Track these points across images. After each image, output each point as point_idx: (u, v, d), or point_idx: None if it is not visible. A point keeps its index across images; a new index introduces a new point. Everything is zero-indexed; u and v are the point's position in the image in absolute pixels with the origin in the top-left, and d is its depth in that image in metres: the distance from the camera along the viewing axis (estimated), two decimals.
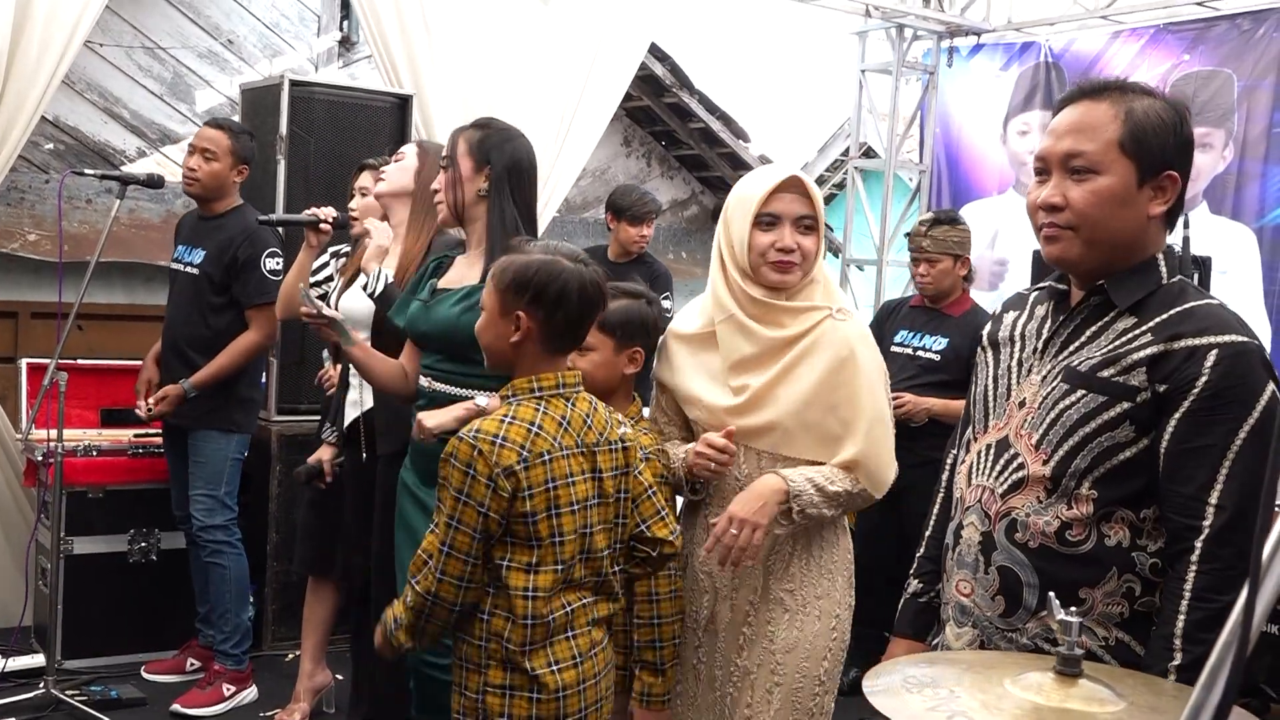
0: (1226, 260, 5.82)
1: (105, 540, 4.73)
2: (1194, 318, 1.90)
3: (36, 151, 5.92)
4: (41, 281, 5.79)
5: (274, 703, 4.42)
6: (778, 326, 2.59)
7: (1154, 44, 6.37)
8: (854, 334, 2.59)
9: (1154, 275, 1.97)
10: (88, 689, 4.39)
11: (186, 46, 6.39)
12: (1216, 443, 1.85)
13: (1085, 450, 1.93)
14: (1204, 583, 1.83)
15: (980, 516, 2.06)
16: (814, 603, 2.61)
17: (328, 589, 4.20)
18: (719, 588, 2.64)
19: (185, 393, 4.37)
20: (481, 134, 3.17)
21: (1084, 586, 1.94)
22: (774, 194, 2.58)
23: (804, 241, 2.59)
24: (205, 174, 4.43)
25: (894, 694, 1.59)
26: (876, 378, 2.60)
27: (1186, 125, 1.99)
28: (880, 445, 2.58)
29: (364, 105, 5.18)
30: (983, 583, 2.05)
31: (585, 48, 6.03)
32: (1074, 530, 1.95)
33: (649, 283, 5.34)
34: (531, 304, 2.34)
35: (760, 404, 2.57)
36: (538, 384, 2.36)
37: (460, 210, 3.15)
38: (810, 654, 2.60)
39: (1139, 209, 1.95)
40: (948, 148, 7.40)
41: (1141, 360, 1.90)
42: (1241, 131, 5.94)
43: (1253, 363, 1.87)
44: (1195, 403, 1.86)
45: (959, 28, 7.23)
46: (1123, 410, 1.91)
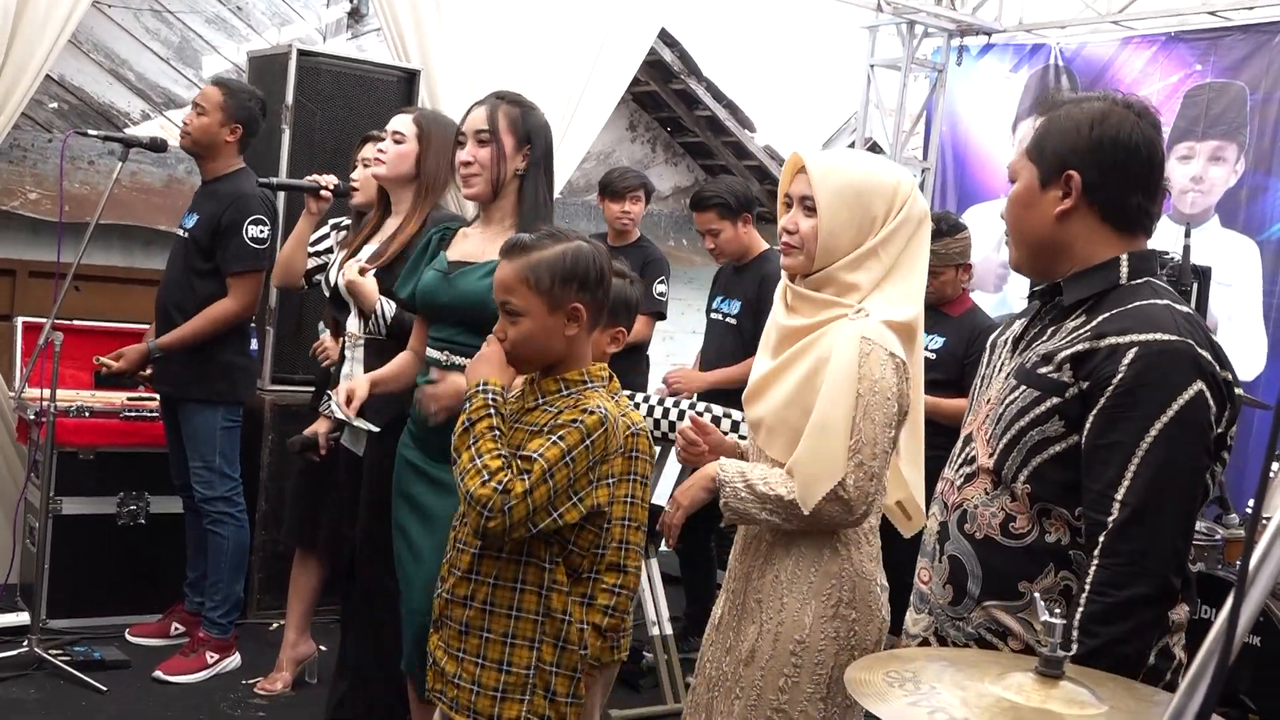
0: (1231, 273, 5.82)
1: (94, 501, 4.73)
2: (1127, 317, 1.93)
3: (40, 110, 5.89)
4: (40, 240, 5.78)
5: (256, 671, 4.43)
6: (797, 316, 2.48)
7: (1165, 51, 6.36)
8: (844, 335, 2.36)
9: (1112, 275, 2.01)
10: (71, 649, 4.39)
11: (195, 11, 6.36)
12: (1126, 439, 1.88)
13: (1020, 444, 1.99)
14: (1103, 577, 1.87)
15: (941, 507, 2.13)
16: (774, 619, 2.44)
17: (314, 560, 4.21)
18: (729, 588, 2.61)
19: (150, 351, 4.33)
20: (520, 111, 3.14)
21: (1023, 580, 1.99)
22: (796, 175, 2.50)
23: (803, 223, 2.43)
24: (195, 127, 4.37)
25: (876, 689, 1.60)
26: (842, 384, 2.32)
27: (1106, 123, 1.99)
28: (813, 455, 2.33)
29: (371, 78, 5.17)
30: (938, 571, 2.11)
31: (595, 30, 6.02)
32: (1017, 523, 1.99)
33: (642, 266, 5.34)
34: (581, 291, 2.41)
35: (755, 397, 2.52)
36: (604, 373, 2.51)
37: (499, 185, 3.14)
38: (765, 672, 2.43)
39: (1043, 210, 2.03)
40: (954, 147, 7.39)
41: (1068, 357, 1.94)
42: (1252, 144, 5.94)
43: (1175, 361, 1.88)
44: (1110, 399, 1.89)
45: (970, 26, 7.22)
46: (1052, 405, 1.95)
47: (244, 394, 4.55)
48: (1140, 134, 2.00)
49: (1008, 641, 2.01)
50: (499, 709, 2.39)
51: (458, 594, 2.45)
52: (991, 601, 2.02)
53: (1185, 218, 5.98)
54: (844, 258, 2.43)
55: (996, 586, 2.01)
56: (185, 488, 4.55)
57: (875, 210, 2.43)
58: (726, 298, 5.06)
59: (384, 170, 3.74)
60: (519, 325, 2.41)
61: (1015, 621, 2.00)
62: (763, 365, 2.53)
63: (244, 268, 4.33)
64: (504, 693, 2.39)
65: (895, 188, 2.46)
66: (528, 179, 3.14)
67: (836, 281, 2.44)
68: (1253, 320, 5.85)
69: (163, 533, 4.81)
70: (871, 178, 2.46)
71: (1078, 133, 2.00)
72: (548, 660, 2.40)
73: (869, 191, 2.44)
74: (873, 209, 2.43)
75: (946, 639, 2.09)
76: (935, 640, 2.11)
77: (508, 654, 2.41)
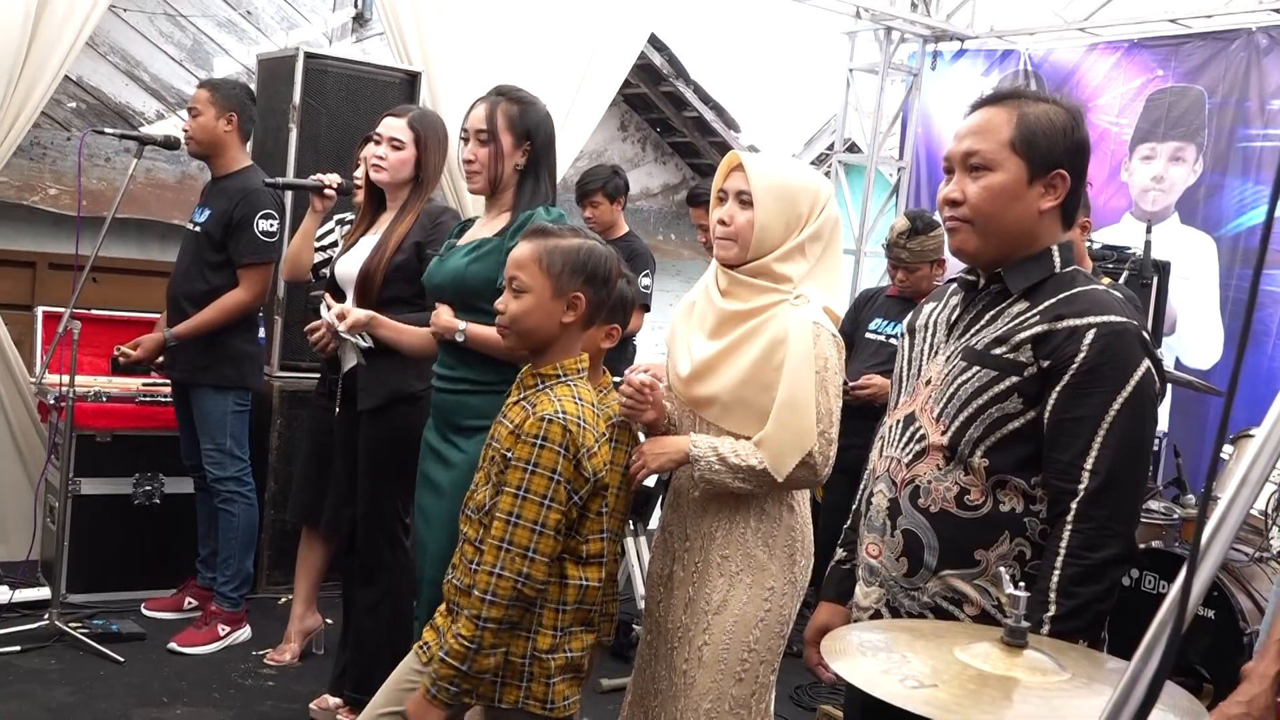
0: (1189, 267, 5.84)
1: (111, 482, 4.73)
2: (1078, 301, 1.98)
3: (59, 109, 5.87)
4: (60, 234, 5.76)
5: (266, 643, 4.43)
6: (736, 300, 2.57)
7: (1128, 57, 6.37)
8: (796, 320, 2.49)
9: (1047, 264, 2.05)
10: (90, 622, 4.39)
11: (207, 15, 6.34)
12: (1092, 414, 1.92)
13: (978, 420, 2.01)
14: (1078, 541, 1.91)
15: (888, 484, 2.14)
16: (746, 572, 2.57)
17: (320, 538, 4.21)
18: (674, 549, 2.68)
19: (165, 340, 4.33)
20: (519, 108, 3.14)
21: (979, 548, 2.01)
22: (731, 173, 2.61)
23: (739, 215, 2.55)
24: (194, 128, 4.38)
25: (850, 657, 1.60)
26: (802, 363, 2.46)
27: (1080, 128, 2.07)
28: (785, 430, 2.46)
29: (374, 80, 5.16)
30: (889, 545, 2.12)
31: (588, 34, 6.00)
32: (971, 495, 2.01)
33: (627, 260, 5.33)
34: (586, 285, 2.42)
35: (706, 375, 2.57)
36: (579, 365, 2.45)
37: (498, 183, 3.13)
38: (739, 620, 2.56)
39: (1029, 204, 2.04)
40: (929, 147, 7.39)
41: (1028, 339, 1.98)
42: (1210, 145, 5.96)
43: (1128, 341, 1.94)
44: (1074, 377, 1.93)
45: (944, 33, 7.22)
46: (1011, 384, 1.98)
47: (252, 380, 4.54)
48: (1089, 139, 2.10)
49: (964, 608, 2.03)
50: (500, 694, 2.39)
51: (465, 583, 2.46)
52: (949, 570, 2.03)
53: (1147, 215, 5.99)
54: (774, 250, 2.56)
55: (954, 556, 2.03)
56: (196, 468, 4.55)
57: (801, 208, 2.58)
58: None
59: (386, 177, 3.73)
60: (521, 301, 2.42)
61: (972, 588, 2.02)
62: (706, 346, 2.59)
63: (255, 259, 4.33)
64: (503, 680, 2.39)
65: (818, 190, 2.61)
66: (528, 175, 3.14)
67: (770, 272, 2.56)
68: (1210, 312, 5.87)
69: (176, 512, 4.81)
70: (799, 179, 2.62)
71: (1064, 135, 2.03)
72: (542, 648, 2.39)
73: (797, 190, 2.58)
74: (799, 206, 2.57)
75: (900, 610, 2.10)
76: (887, 611, 2.12)
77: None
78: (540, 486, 2.29)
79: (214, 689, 4.07)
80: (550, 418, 2.30)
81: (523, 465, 2.30)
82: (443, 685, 2.31)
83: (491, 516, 2.35)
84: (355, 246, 3.79)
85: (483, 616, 2.28)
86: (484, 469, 2.47)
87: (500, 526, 2.29)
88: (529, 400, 2.40)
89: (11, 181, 5.56)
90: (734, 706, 2.56)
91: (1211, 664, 4.28)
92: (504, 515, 2.30)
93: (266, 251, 4.33)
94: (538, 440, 2.29)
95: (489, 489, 2.41)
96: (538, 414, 2.32)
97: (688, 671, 2.59)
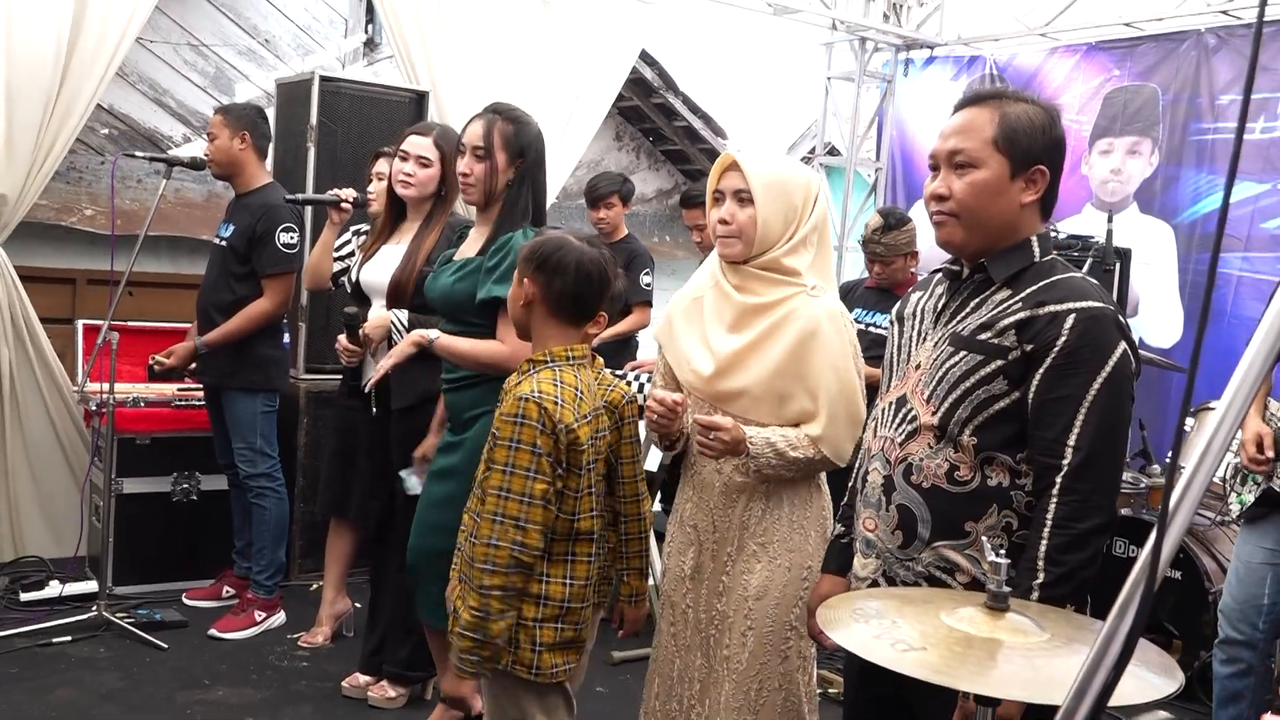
0: (1149, 253, 5.84)
1: (151, 481, 4.72)
2: (1057, 288, 1.98)
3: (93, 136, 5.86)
4: (96, 252, 5.76)
5: (300, 627, 4.43)
6: (753, 294, 2.51)
7: (1087, 59, 6.36)
8: (823, 310, 2.46)
9: (1027, 254, 2.05)
10: (135, 612, 4.39)
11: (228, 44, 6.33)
12: (1074, 393, 1.92)
13: (966, 402, 2.01)
14: (1063, 512, 1.91)
15: (883, 462, 2.13)
16: (784, 555, 2.52)
17: (347, 528, 4.21)
18: (703, 540, 2.60)
19: (197, 348, 4.32)
20: (515, 127, 3.11)
21: (969, 520, 2.01)
22: (725, 172, 2.55)
23: (739, 213, 2.49)
24: (213, 151, 4.38)
25: (844, 624, 1.60)
26: (841, 354, 2.46)
27: (1057, 127, 2.06)
28: (841, 422, 2.46)
29: (386, 99, 5.15)
30: (884, 519, 2.11)
31: (583, 51, 6.00)
32: (961, 471, 2.01)
33: (628, 260, 5.35)
34: (536, 271, 2.42)
35: (732, 370, 2.51)
36: (569, 352, 2.42)
37: (491, 196, 3.13)
38: (780, 601, 2.51)
39: (1012, 198, 2.03)
40: (903, 149, 7.38)
41: (1011, 324, 1.98)
42: (1164, 139, 5.95)
43: (1106, 325, 1.94)
44: (1055, 359, 1.93)
45: (915, 41, 7.21)
46: (996, 367, 1.98)
47: (278, 382, 4.54)
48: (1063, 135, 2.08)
49: (955, 576, 2.03)
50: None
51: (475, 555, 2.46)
52: (941, 542, 2.03)
53: (1107, 205, 5.99)
54: (777, 244, 2.50)
55: (945, 528, 2.02)
56: (230, 466, 4.55)
57: (796, 200, 2.52)
58: None
59: (413, 193, 3.71)
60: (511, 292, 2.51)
61: (963, 558, 2.02)
62: (730, 341, 2.52)
63: (278, 270, 4.33)
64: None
65: (809, 183, 2.56)
66: (513, 188, 3.12)
67: (780, 266, 2.50)
68: (1170, 295, 5.87)
69: (212, 507, 4.81)
70: (792, 173, 2.56)
71: (1043, 132, 2.03)
72: (529, 616, 2.38)
73: (791, 185, 2.53)
74: (794, 199, 2.52)
75: (896, 580, 2.10)
76: (884, 581, 2.12)
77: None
78: (524, 461, 2.28)
79: (252, 671, 4.07)
80: (526, 397, 2.31)
81: (506, 442, 2.30)
82: (465, 657, 2.32)
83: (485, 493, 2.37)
84: (377, 255, 3.79)
85: (485, 585, 2.28)
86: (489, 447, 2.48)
87: (493, 501, 2.30)
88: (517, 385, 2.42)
89: (51, 204, 5.55)
90: (782, 683, 2.52)
91: (1179, 621, 4.29)
92: (495, 490, 2.30)
93: (288, 262, 4.33)
94: (517, 418, 2.30)
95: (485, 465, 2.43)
96: (515, 394, 2.33)
97: (730, 657, 2.52)
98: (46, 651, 4.06)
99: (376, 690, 3.83)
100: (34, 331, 4.90)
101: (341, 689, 3.89)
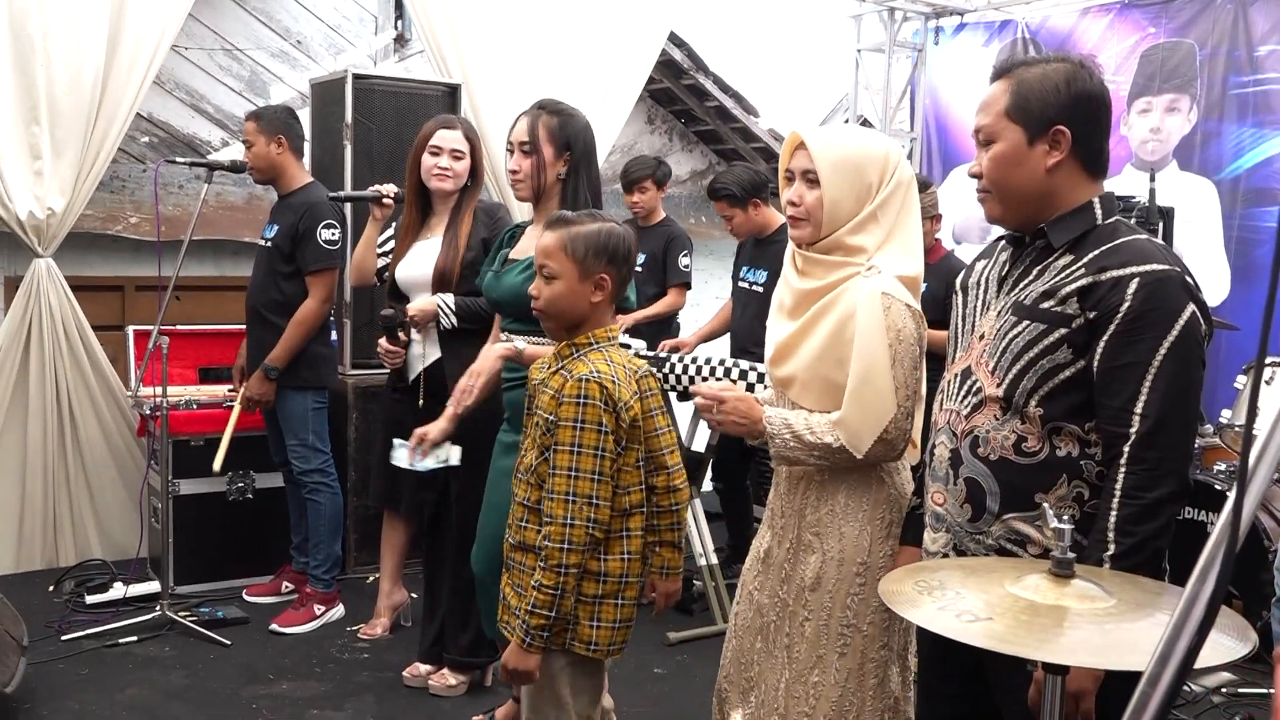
0: (1192, 211, 5.73)
1: (207, 482, 4.77)
2: (1120, 252, 1.92)
3: (134, 144, 5.91)
4: (142, 258, 5.80)
5: (358, 619, 4.47)
6: (811, 278, 2.40)
7: (1121, 18, 6.24)
8: (864, 292, 2.30)
9: (1089, 217, 2.00)
10: (197, 610, 4.45)
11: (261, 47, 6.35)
12: (1140, 359, 1.87)
13: (1031, 372, 1.96)
14: (1132, 482, 1.86)
15: (949, 435, 2.09)
16: (835, 547, 2.40)
17: (400, 519, 4.23)
18: (775, 525, 2.54)
19: (267, 373, 4.34)
20: (559, 120, 3.09)
21: (1039, 492, 1.97)
22: (795, 151, 2.42)
23: (807, 195, 2.36)
24: (252, 158, 4.39)
25: (908, 598, 1.58)
26: (872, 336, 2.28)
27: (1079, 81, 1.98)
28: (860, 408, 2.29)
29: (418, 94, 5.14)
30: (953, 493, 2.08)
31: (613, 37, 5.97)
32: (1029, 442, 1.97)
33: (667, 243, 5.33)
34: (610, 265, 2.41)
35: (786, 356, 2.45)
36: (610, 333, 2.45)
37: (541, 191, 3.11)
38: (834, 594, 2.39)
39: (1034, 165, 2.00)
40: (937, 118, 7.29)
41: (1074, 291, 1.93)
42: (1203, 95, 5.83)
43: (1171, 288, 1.88)
44: (1120, 325, 1.88)
45: (944, 9, 7.11)
46: (1060, 336, 1.94)
47: (329, 379, 4.57)
48: (1102, 86, 2.02)
49: (1027, 548, 1.99)
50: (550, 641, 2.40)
51: (516, 540, 2.46)
52: (1011, 514, 1.99)
53: (1147, 164, 5.88)
54: (847, 224, 2.37)
55: (1014, 500, 1.98)
56: (284, 464, 4.58)
57: (870, 178, 2.37)
58: (753, 267, 5.02)
59: (451, 185, 3.76)
60: (552, 286, 2.42)
61: (1033, 529, 1.97)
62: (784, 328, 2.46)
63: (320, 266, 4.34)
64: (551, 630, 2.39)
65: (886, 156, 2.39)
66: (569, 182, 3.10)
67: (843, 246, 2.37)
68: (1215, 252, 5.76)
69: (268, 505, 4.85)
70: (865, 149, 2.40)
71: (1058, 91, 1.98)
72: (589, 594, 2.38)
73: (864, 161, 2.37)
74: (868, 176, 2.37)
75: (966, 553, 2.06)
76: (955, 555, 2.08)
77: None
78: (591, 440, 2.30)
79: (314, 664, 4.11)
80: (587, 377, 2.32)
81: (571, 423, 2.30)
82: (536, 633, 2.33)
83: (540, 476, 2.36)
84: (410, 252, 3.80)
85: (564, 565, 2.29)
86: (529, 434, 2.47)
87: (563, 481, 2.30)
88: (567, 369, 2.40)
89: (96, 214, 5.60)
90: (842, 679, 2.40)
91: (1239, 580, 4.23)
92: (564, 471, 2.30)
93: (329, 259, 4.35)
94: (580, 399, 2.30)
95: (535, 451, 2.42)
96: (575, 376, 2.33)
97: (790, 646, 2.46)
98: (113, 652, 4.12)
99: (437, 679, 3.85)
100: (87, 339, 4.96)
101: (403, 679, 3.92)
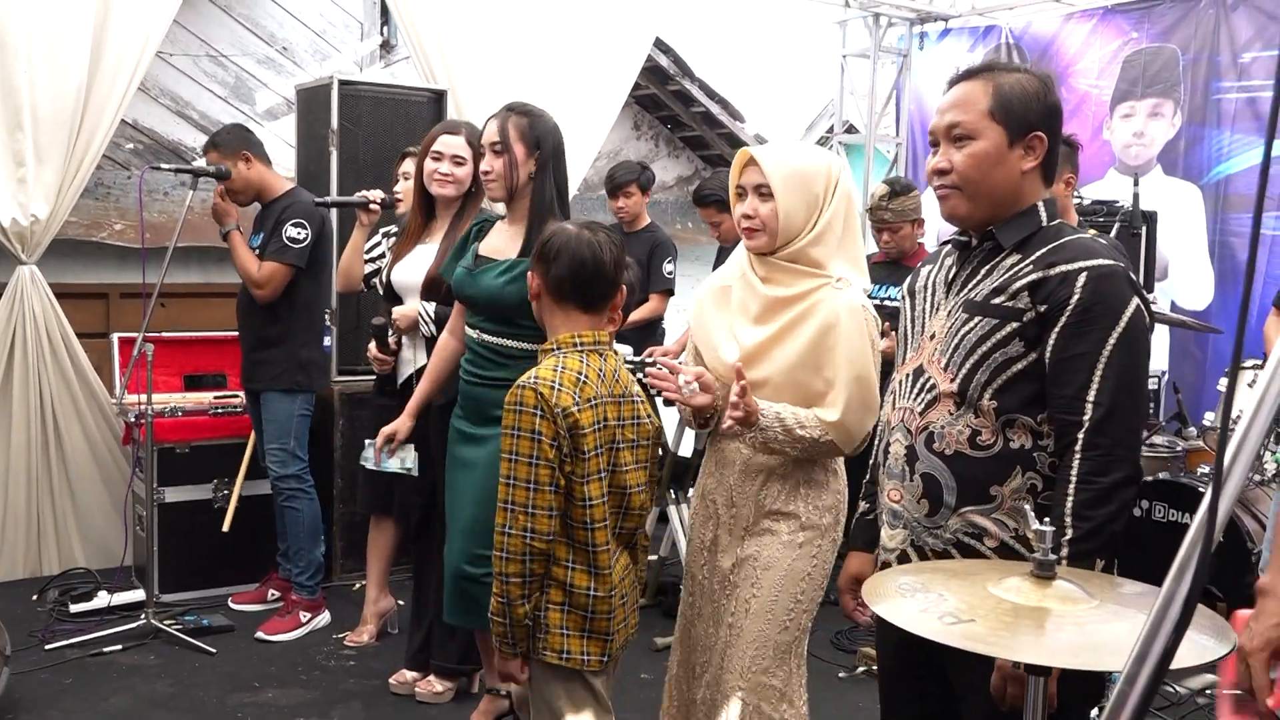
0: (1177, 215, 5.76)
1: (192, 489, 4.75)
2: (1067, 249, 1.99)
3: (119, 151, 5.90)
4: (127, 265, 5.79)
5: (344, 626, 4.46)
6: (778, 286, 2.55)
7: (1104, 23, 6.28)
8: (844, 304, 2.50)
9: (1034, 219, 2.07)
10: (182, 619, 4.43)
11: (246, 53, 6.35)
12: (1090, 350, 1.93)
13: (984, 366, 2.01)
14: (1087, 468, 1.91)
15: (904, 433, 2.14)
16: (798, 533, 2.58)
17: (387, 525, 4.22)
18: (719, 515, 2.66)
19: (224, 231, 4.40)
20: (528, 120, 3.12)
21: (994, 484, 2.01)
22: (746, 167, 2.59)
23: (761, 207, 2.53)
24: (234, 182, 4.36)
25: (890, 600, 1.59)
26: (859, 347, 2.50)
27: (1052, 94, 2.08)
28: (853, 409, 2.50)
29: (404, 100, 5.14)
30: (910, 489, 2.11)
31: (599, 43, 5.98)
32: (983, 435, 2.02)
33: (650, 249, 5.34)
34: (537, 262, 2.46)
35: (757, 360, 2.55)
36: (577, 339, 2.42)
37: (514, 190, 3.13)
38: (788, 574, 2.57)
39: (1011, 166, 2.05)
40: (922, 123, 7.31)
41: (1024, 286, 1.99)
42: (1186, 100, 5.87)
43: (1117, 282, 1.95)
44: (1070, 318, 1.94)
45: (929, 14, 7.14)
46: (1012, 329, 1.99)
47: (318, 384, 4.56)
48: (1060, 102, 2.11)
49: (984, 541, 2.02)
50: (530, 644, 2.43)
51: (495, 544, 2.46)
52: (967, 508, 2.03)
53: (1130, 169, 5.92)
54: (801, 234, 2.53)
55: (971, 493, 2.03)
56: None
57: (817, 189, 2.54)
58: None
59: (453, 191, 3.74)
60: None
61: (990, 522, 2.02)
62: (755, 333, 2.56)
63: (275, 258, 4.29)
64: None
65: (829, 168, 2.57)
66: (537, 181, 3.13)
67: (806, 258, 2.54)
68: (1199, 256, 5.80)
69: (254, 512, 4.83)
70: (811, 162, 2.57)
71: (1038, 99, 2.05)
72: (555, 601, 2.38)
73: (811, 174, 2.55)
74: (815, 187, 2.54)
75: (924, 548, 2.09)
76: (913, 551, 2.12)
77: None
78: (525, 448, 2.28)
79: (300, 671, 4.09)
80: (522, 384, 2.32)
81: (509, 431, 2.30)
82: (501, 641, 2.36)
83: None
84: (409, 256, 3.80)
85: (504, 574, 2.30)
86: None
87: (502, 489, 2.30)
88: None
89: (81, 221, 5.59)
90: (777, 652, 2.57)
91: (1222, 582, 4.24)
92: (502, 479, 2.30)
93: (282, 254, 4.30)
94: (516, 407, 2.30)
95: None
96: (515, 384, 2.34)
97: (733, 624, 2.59)
98: (98, 661, 4.09)
99: (424, 686, 3.84)
100: (71, 346, 4.94)
101: (389, 686, 3.91)
